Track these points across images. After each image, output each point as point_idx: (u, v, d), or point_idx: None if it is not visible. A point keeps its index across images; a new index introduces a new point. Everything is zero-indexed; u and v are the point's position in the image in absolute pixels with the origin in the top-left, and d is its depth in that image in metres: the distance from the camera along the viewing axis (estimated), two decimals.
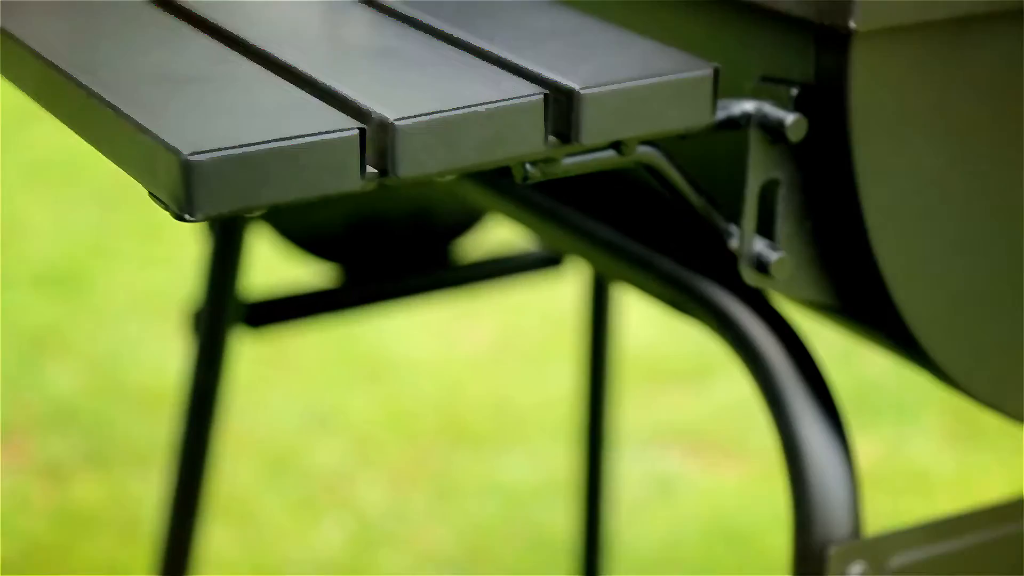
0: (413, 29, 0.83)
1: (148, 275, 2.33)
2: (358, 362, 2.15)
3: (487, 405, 2.06)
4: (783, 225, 0.83)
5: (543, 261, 1.43)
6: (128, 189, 2.47)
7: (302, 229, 1.35)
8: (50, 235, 2.46)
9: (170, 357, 2.05)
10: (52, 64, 0.77)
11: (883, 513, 1.77)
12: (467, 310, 2.21)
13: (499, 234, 1.55)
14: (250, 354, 1.95)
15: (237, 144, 0.67)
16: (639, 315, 2.05)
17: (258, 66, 0.78)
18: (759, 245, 0.83)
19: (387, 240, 1.37)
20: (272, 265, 1.71)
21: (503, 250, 1.43)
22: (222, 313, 1.30)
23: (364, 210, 1.35)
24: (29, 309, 2.24)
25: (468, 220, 1.40)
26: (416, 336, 2.18)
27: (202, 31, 0.83)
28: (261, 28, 0.84)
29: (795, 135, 0.80)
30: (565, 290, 2.00)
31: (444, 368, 2.14)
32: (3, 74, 0.85)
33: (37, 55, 0.79)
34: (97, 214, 2.52)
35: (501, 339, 2.21)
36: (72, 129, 0.78)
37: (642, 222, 0.95)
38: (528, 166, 0.77)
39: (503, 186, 1.02)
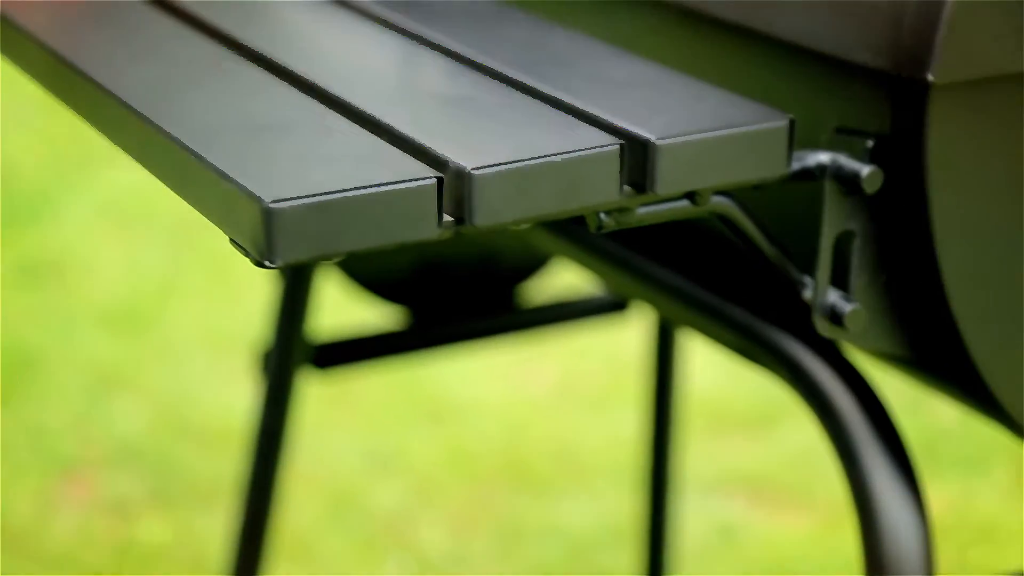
0: (487, 77, 0.84)
1: (216, 314, 2.35)
2: (421, 404, 2.15)
3: (550, 448, 2.06)
4: (857, 277, 0.82)
5: (608, 305, 1.43)
6: (197, 229, 2.49)
7: (370, 272, 1.35)
8: (119, 273, 2.48)
9: (236, 396, 2.07)
10: (131, 107, 0.78)
11: (951, 565, 1.75)
12: (531, 353, 2.21)
13: (564, 278, 1.55)
14: (314, 394, 1.96)
15: (318, 192, 0.68)
16: (703, 360, 2.04)
17: (335, 112, 0.79)
18: (833, 296, 0.83)
19: (453, 284, 1.38)
20: (340, 307, 1.72)
21: (568, 294, 1.43)
22: (290, 354, 1.31)
23: (431, 254, 1.36)
24: (97, 346, 2.26)
25: (533, 264, 1.40)
26: (480, 378, 2.18)
27: (271, 72, 0.84)
28: (335, 71, 0.85)
29: (871, 187, 0.80)
30: (629, 334, 1.99)
31: (507, 411, 2.14)
32: (82, 116, 0.87)
33: (119, 99, 0.80)
34: (166, 253, 2.55)
35: (565, 383, 2.21)
36: (152, 172, 0.79)
37: (707, 269, 0.95)
38: (602, 215, 0.77)
39: (571, 231, 1.02)
